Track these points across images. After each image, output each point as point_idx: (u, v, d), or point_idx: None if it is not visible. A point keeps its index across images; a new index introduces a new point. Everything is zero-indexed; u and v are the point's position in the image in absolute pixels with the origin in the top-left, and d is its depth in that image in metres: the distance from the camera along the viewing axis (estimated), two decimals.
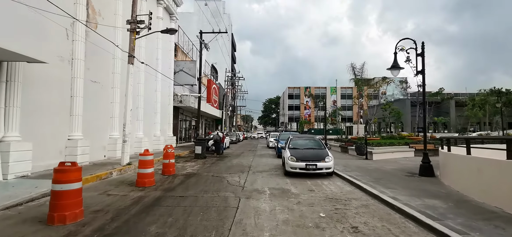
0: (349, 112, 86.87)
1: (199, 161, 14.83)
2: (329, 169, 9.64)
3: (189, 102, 23.53)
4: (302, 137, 12.97)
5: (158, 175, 10.08)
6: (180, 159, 15.82)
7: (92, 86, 12.42)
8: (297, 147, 11.02)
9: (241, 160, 15.50)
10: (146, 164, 8.12)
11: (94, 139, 12.52)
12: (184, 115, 28.15)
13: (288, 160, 9.80)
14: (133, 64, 11.64)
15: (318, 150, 10.73)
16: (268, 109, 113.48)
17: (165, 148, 10.40)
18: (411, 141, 17.56)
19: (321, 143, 11.43)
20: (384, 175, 9.70)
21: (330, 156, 9.89)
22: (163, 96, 21.11)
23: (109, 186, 8.04)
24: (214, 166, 12.89)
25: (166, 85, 21.88)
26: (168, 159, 10.24)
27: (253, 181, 9.08)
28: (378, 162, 13.53)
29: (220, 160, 15.35)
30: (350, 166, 12.16)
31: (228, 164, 13.69)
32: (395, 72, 9.91)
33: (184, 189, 7.77)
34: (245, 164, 13.77)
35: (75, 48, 11.09)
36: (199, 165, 13.19)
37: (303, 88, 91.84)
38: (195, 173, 10.57)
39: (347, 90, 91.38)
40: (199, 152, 15.88)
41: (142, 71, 16.98)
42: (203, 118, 36.75)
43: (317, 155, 9.98)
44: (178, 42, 28.20)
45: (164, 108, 21.49)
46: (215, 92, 35.81)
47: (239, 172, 11.05)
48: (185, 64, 24.13)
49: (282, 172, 10.81)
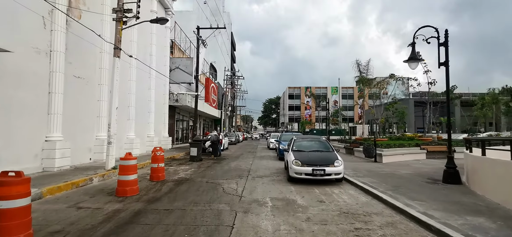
0: (350, 113, 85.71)
1: (194, 164, 13.67)
2: (339, 174, 8.49)
3: (186, 101, 22.38)
4: (306, 138, 11.79)
5: (146, 181, 8.94)
6: (174, 161, 14.66)
7: (75, 82, 11.26)
8: (302, 149, 9.86)
9: (240, 163, 14.34)
10: (128, 170, 6.96)
11: (78, 140, 11.37)
12: (181, 115, 27.00)
13: (292, 164, 8.64)
14: (119, 57, 10.50)
15: (325, 152, 9.57)
16: (268, 110, 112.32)
17: (153, 150, 9.24)
18: (422, 142, 16.40)
19: (329, 144, 10.27)
20: (401, 181, 8.54)
21: (339, 160, 8.73)
22: (157, 94, 19.97)
23: (84, 196, 6.88)
24: (210, 170, 11.73)
25: (161, 83, 20.74)
26: (157, 163, 9.09)
27: (252, 188, 7.92)
28: (390, 166, 12.37)
29: (217, 163, 14.19)
30: (359, 170, 11.00)
31: (225, 167, 12.54)
32: (413, 64, 8.75)
33: (171, 199, 6.61)
34: (244, 167, 12.62)
35: (54, 38, 9.93)
36: (193, 168, 12.03)
37: (303, 88, 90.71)
38: (187, 179, 9.41)
39: (348, 90, 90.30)
40: (195, 154, 14.71)
41: (134, 67, 15.84)
42: (201, 118, 35.59)
43: (325, 159, 8.82)
44: (174, 39, 27.07)
45: (158, 107, 20.34)
46: (213, 91, 34.66)
47: (237, 177, 9.89)
48: (181, 61, 22.99)
49: (284, 177, 9.66)
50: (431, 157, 15.68)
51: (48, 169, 9.40)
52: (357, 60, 23.86)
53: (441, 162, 14.06)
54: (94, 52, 12.28)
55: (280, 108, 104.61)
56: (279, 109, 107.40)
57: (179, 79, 22.63)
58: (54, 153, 9.49)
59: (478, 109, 27.45)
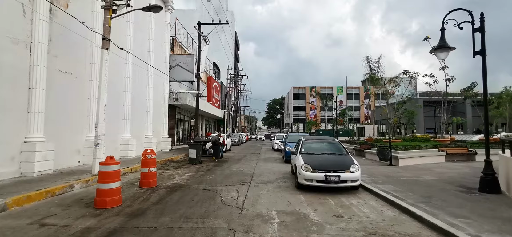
0: (356, 113, 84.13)
1: (193, 167, 12.59)
2: (356, 181, 7.33)
3: (186, 100, 21.36)
4: (316, 139, 10.60)
5: (135, 187, 7.88)
6: (171, 164, 13.60)
7: (61, 77, 10.26)
8: (312, 152, 8.70)
9: (243, 166, 13.24)
10: (109, 177, 5.89)
11: (65, 141, 10.37)
12: (182, 115, 26.00)
13: (301, 170, 7.51)
14: (108, 50, 9.46)
15: (339, 156, 8.41)
16: (273, 110, 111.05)
17: (144, 153, 8.17)
18: (440, 144, 15.12)
19: (342, 146, 9.09)
20: (430, 190, 7.35)
21: (356, 165, 7.57)
22: (156, 93, 18.96)
23: (56, 207, 5.82)
24: (209, 174, 10.64)
25: (161, 81, 19.75)
26: (147, 167, 8.02)
27: (255, 198, 6.80)
28: (408, 170, 11.16)
29: (218, 166, 13.11)
30: (376, 175, 9.82)
31: (226, 171, 11.44)
32: (442, 54, 7.57)
33: (158, 213, 5.52)
34: (247, 171, 11.51)
35: (35, 28, 8.93)
36: (191, 172, 10.96)
37: (308, 88, 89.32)
38: (183, 185, 8.32)
39: (353, 90, 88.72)
40: (194, 157, 13.64)
41: (130, 63, 14.84)
42: (204, 118, 34.60)
43: (339, 163, 7.67)
44: (175, 36, 26.12)
45: (157, 106, 19.34)
46: (216, 91, 33.63)
47: (239, 183, 8.79)
48: (182, 59, 21.98)
49: (292, 184, 8.53)
50: (450, 160, 14.42)
51: (27, 173, 8.39)
52: (367, 56, 22.81)
53: (463, 165, 12.83)
54: (84, 46, 11.28)
55: (285, 108, 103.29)
56: (283, 109, 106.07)
57: (180, 77, 21.63)
58: (33, 156, 8.47)
59: (494, 108, 25.96)
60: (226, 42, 54.45)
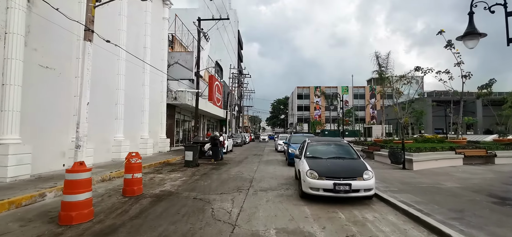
0: (361, 113, 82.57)
1: (189, 170, 11.65)
2: (370, 190, 6.30)
3: (185, 100, 20.44)
4: (322, 140, 9.50)
5: (116, 196, 6.94)
6: (166, 167, 12.67)
7: (42, 73, 9.38)
8: (318, 155, 7.68)
9: (242, 169, 12.25)
10: (76, 187, 4.96)
11: (47, 143, 9.49)
12: (181, 115, 25.10)
13: (306, 176, 6.49)
14: (91, 41, 8.52)
15: (349, 160, 7.37)
16: (277, 110, 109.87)
17: (127, 157, 7.23)
18: (457, 145, 13.98)
19: (353, 149, 8.04)
20: (457, 201, 6.29)
21: (369, 171, 6.54)
22: (153, 91, 18.07)
23: (15, 222, 4.91)
24: (205, 179, 9.67)
25: (158, 79, 18.86)
26: (131, 173, 7.08)
27: (252, 211, 5.81)
28: (425, 175, 10.07)
29: (216, 169, 12.14)
30: (390, 181, 8.77)
31: (223, 175, 10.46)
32: (470, 42, 6.49)
33: (133, 230, 4.57)
34: (246, 175, 10.52)
35: (10, 18, 8.07)
36: (185, 177, 10.00)
37: (312, 88, 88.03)
38: (172, 193, 7.36)
39: (359, 89, 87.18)
40: (190, 159, 12.70)
41: (123, 60, 13.96)
42: (205, 118, 33.70)
43: (350, 169, 6.65)
44: (175, 33, 25.24)
45: (154, 106, 18.44)
46: (218, 90, 32.70)
47: (235, 190, 7.80)
48: (180, 56, 21.07)
49: (296, 191, 7.53)
50: (468, 163, 13.26)
51: None
52: (376, 52, 21.49)
53: (484, 169, 11.70)
54: (69, 39, 10.40)
55: (289, 108, 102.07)
56: (287, 109, 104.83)
57: (179, 75, 20.72)
58: (6, 159, 7.59)
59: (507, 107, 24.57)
60: (229, 42, 53.57)
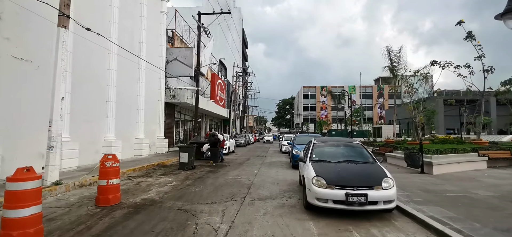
0: (369, 113, 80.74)
1: (182, 173, 10.59)
2: (390, 202, 5.13)
3: (185, 98, 19.43)
4: (330, 141, 8.20)
5: (88, 205, 5.90)
6: (159, 170, 11.64)
7: (15, 65, 8.42)
8: (326, 158, 6.51)
9: (242, 173, 11.15)
10: (20, 199, 3.91)
11: (22, 144, 8.54)
12: (182, 114, 24.12)
13: (311, 184, 5.36)
14: (66, 28, 7.56)
15: (363, 164, 6.19)
16: (282, 110, 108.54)
17: (102, 160, 6.18)
18: (479, 147, 12.65)
19: (366, 151, 6.85)
20: (498, 215, 5.09)
21: (389, 178, 5.37)
22: (150, 89, 17.11)
23: None
24: (198, 184, 8.60)
25: (155, 76, 17.89)
26: (107, 178, 6.02)
27: (244, 228, 4.69)
28: (448, 180, 8.83)
29: (213, 172, 11.07)
30: (410, 187, 7.56)
31: (220, 180, 9.37)
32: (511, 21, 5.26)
33: None
34: (245, 180, 9.41)
35: None
36: (176, 182, 8.94)
37: (319, 88, 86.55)
38: (154, 202, 6.29)
39: (366, 89, 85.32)
40: (185, 161, 11.63)
41: (114, 54, 13.00)
42: (208, 118, 32.73)
43: (365, 176, 5.49)
44: (175, 29, 24.29)
45: (151, 104, 17.48)
46: (221, 89, 31.67)
47: (229, 198, 6.70)
48: (179, 52, 20.07)
49: (299, 201, 6.40)
50: (492, 166, 11.96)
51: None
52: (387, 46, 20.21)
53: None
54: (49, 29, 9.41)
55: (295, 108, 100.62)
56: (293, 109, 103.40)
57: (177, 72, 19.70)
58: None
59: None
60: (233, 41, 52.58)
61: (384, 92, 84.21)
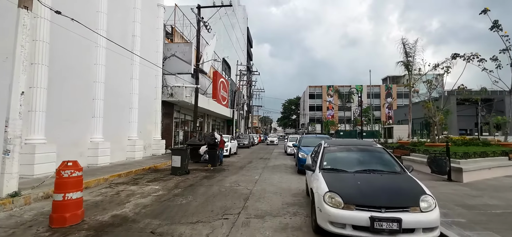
0: (376, 113, 78.68)
1: (173, 180, 9.34)
2: (433, 230, 3.77)
3: (183, 96, 18.22)
4: (344, 144, 6.38)
5: (41, 226, 4.67)
6: (149, 175, 10.42)
7: None
8: (340, 167, 5.14)
9: (241, 178, 9.87)
10: None
11: None
12: (182, 114, 22.93)
13: (323, 203, 4.03)
14: (27, 9, 6.36)
15: (390, 175, 4.81)
16: (288, 110, 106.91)
17: (59, 168, 4.94)
18: (509, 149, 11.14)
19: (393, 158, 5.47)
20: None
21: (429, 195, 4.01)
22: (145, 87, 15.96)
23: None
24: (186, 194, 7.33)
25: (152, 73, 16.73)
26: (63, 191, 4.79)
27: None
28: (485, 190, 7.41)
29: (208, 178, 9.80)
30: (443, 201, 6.14)
31: (213, 189, 8.08)
32: None
33: None
34: (243, 188, 8.12)
35: None
36: (163, 191, 7.69)
37: (325, 87, 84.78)
38: (124, 222, 5.04)
39: (373, 88, 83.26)
40: (178, 166, 10.39)
41: (102, 47, 11.85)
42: (210, 118, 31.52)
43: (395, 193, 4.14)
44: (175, 25, 23.15)
45: (147, 103, 16.31)
46: (223, 87, 30.45)
47: (220, 215, 5.42)
48: (178, 47, 18.90)
49: (306, 220, 5.08)
50: None
51: None
52: (402, 38, 18.68)
53: None
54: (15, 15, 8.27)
55: (301, 108, 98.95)
56: (299, 110, 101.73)
57: (175, 68, 18.53)
58: None
59: None
60: (237, 40, 51.38)
61: (393, 91, 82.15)
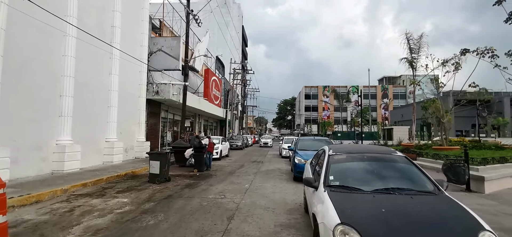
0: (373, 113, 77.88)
1: (149, 190, 7.99)
2: None
3: (170, 94, 16.81)
4: (354, 152, 4.86)
5: None
6: (123, 183, 9.05)
7: None
8: (353, 183, 3.79)
9: (229, 187, 8.56)
10: None
11: None
12: (170, 113, 21.50)
13: None
14: None
15: (423, 197, 3.51)
16: (283, 111, 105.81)
17: None
18: None
19: (420, 171, 4.22)
20: None
21: (489, 232, 2.73)
22: (128, 84, 14.56)
23: None
24: (157, 211, 6.01)
25: (135, 68, 15.32)
26: None
27: None
28: None
29: (191, 187, 8.47)
30: None
31: (193, 202, 6.76)
32: None
33: None
34: (228, 201, 6.81)
35: None
36: (129, 206, 6.34)
37: (321, 87, 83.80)
38: None
39: (370, 89, 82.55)
40: (156, 172, 9.03)
41: (72, 37, 10.43)
42: (202, 118, 30.12)
43: (438, 230, 2.83)
44: (164, 18, 21.76)
45: (129, 101, 14.91)
46: (216, 86, 29.09)
47: None
48: (165, 42, 17.50)
49: None
50: None
51: None
52: (406, 32, 17.56)
53: None
54: None
55: (296, 109, 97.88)
56: (294, 110, 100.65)
57: (162, 64, 17.14)
58: None
59: None
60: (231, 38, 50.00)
61: (389, 92, 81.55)
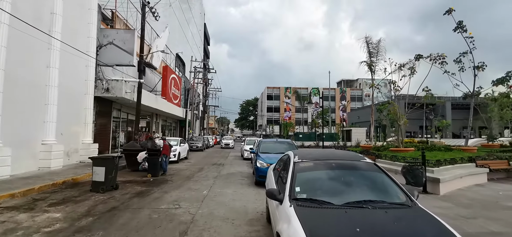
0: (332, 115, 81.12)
1: (88, 202, 6.93)
2: None
3: (122, 92, 15.36)
4: (321, 158, 4.33)
5: None
6: (60, 193, 7.80)
7: None
8: (322, 196, 3.31)
9: (184, 195, 7.80)
10: None
11: None
12: (124, 113, 19.83)
13: None
14: None
15: (399, 212, 3.10)
16: (246, 111, 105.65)
17: None
18: (474, 154, 10.70)
19: (391, 180, 3.96)
20: None
21: None
22: (71, 79, 12.94)
23: None
24: (95, 229, 5.09)
25: (81, 63, 13.69)
26: None
27: None
28: (471, 207, 6.40)
29: (141, 196, 7.55)
30: None
31: (142, 214, 5.92)
32: None
33: None
34: (183, 211, 6.08)
35: None
36: (60, 224, 5.32)
37: (283, 89, 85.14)
38: None
39: (330, 91, 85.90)
40: (101, 180, 7.92)
41: (4, 24, 8.84)
42: (160, 118, 28.49)
43: None
44: (116, 9, 19.99)
45: (73, 98, 13.27)
46: (175, 85, 27.67)
47: None
48: (117, 34, 15.99)
49: None
50: (491, 178, 10.06)
51: None
52: (366, 36, 18.16)
53: None
54: None
55: (258, 109, 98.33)
56: (257, 111, 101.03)
57: (114, 59, 15.62)
58: None
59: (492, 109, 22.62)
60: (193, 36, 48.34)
61: (347, 94, 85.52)
